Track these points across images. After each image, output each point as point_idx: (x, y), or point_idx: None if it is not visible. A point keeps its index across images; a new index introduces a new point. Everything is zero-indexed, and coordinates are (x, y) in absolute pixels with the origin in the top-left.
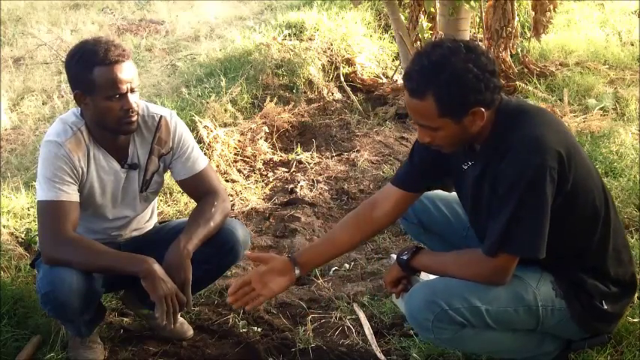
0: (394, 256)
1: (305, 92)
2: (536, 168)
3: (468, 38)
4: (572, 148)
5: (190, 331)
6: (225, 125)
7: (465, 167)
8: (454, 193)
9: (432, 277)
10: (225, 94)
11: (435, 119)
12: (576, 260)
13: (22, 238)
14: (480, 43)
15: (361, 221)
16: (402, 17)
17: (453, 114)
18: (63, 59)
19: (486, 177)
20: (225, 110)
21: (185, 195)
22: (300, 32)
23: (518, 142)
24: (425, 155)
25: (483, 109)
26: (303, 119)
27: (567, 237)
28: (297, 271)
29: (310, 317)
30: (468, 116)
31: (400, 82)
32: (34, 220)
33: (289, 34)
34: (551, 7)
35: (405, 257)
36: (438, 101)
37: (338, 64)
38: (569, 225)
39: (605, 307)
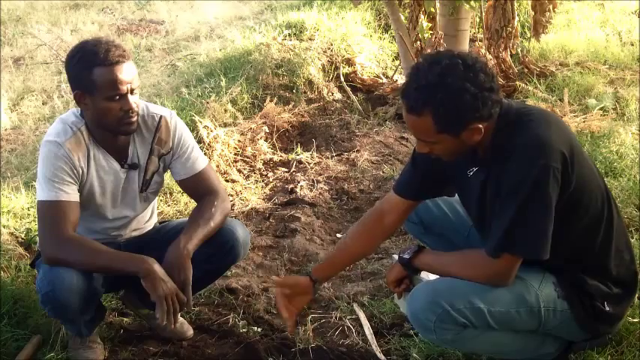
0: (396, 257)
1: (305, 92)
2: (540, 169)
3: (468, 38)
4: (574, 148)
5: (190, 331)
6: (225, 125)
7: (470, 174)
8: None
9: (433, 276)
10: (225, 94)
11: (433, 135)
12: (579, 261)
13: (22, 238)
14: (479, 43)
15: (372, 230)
16: (402, 17)
17: (451, 130)
18: (63, 59)
19: (491, 181)
20: (225, 110)
21: (185, 195)
22: (300, 32)
23: (522, 144)
24: (426, 160)
25: (481, 125)
26: (303, 119)
27: (570, 238)
28: (315, 288)
29: (310, 317)
30: (466, 132)
31: (400, 81)
32: (34, 220)
33: (289, 34)
34: (551, 7)
35: (406, 257)
36: (435, 119)
37: (338, 64)
38: (573, 226)
39: (607, 308)
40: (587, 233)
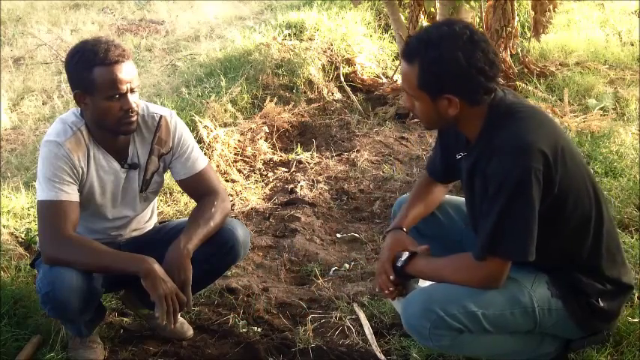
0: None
1: (305, 92)
2: (520, 169)
3: None
4: (560, 148)
5: (190, 331)
6: (225, 125)
7: (459, 157)
8: (447, 197)
9: (427, 282)
10: (225, 94)
11: (414, 88)
12: (570, 261)
13: (22, 238)
14: None
15: (429, 187)
16: (402, 17)
17: (429, 90)
18: (63, 59)
19: (477, 173)
20: (225, 110)
21: (185, 195)
22: (300, 32)
23: (505, 143)
24: (441, 142)
25: (458, 100)
26: (303, 119)
27: (559, 239)
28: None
29: (310, 317)
30: (442, 100)
31: (400, 81)
32: (34, 220)
33: (289, 34)
34: (551, 7)
35: (399, 264)
36: (420, 73)
37: (338, 64)
38: (560, 226)
39: (602, 304)
40: (575, 235)
